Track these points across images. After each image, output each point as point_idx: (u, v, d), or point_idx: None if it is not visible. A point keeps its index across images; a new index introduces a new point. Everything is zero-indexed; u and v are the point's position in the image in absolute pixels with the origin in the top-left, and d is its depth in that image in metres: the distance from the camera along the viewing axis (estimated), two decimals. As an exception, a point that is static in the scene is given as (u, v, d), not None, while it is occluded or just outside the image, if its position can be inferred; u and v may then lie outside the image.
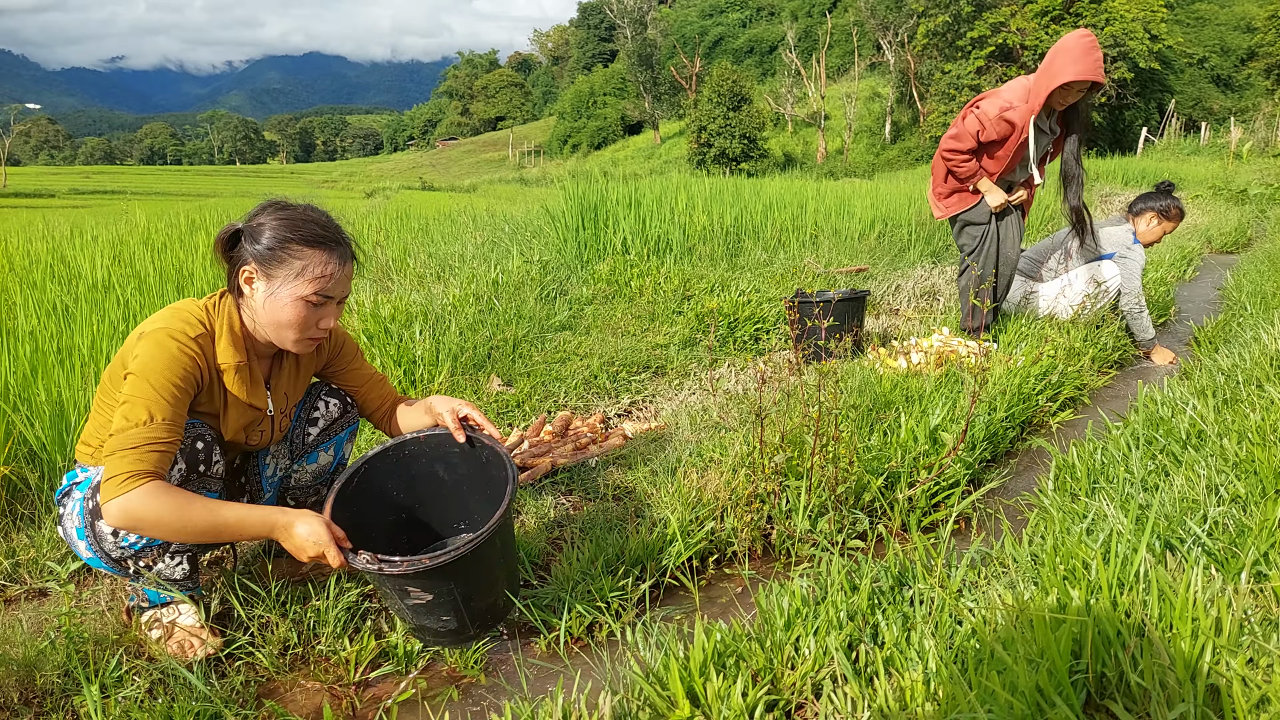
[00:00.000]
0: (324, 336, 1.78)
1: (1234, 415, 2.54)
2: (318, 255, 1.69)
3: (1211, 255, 8.56)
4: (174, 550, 1.71)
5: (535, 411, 3.35)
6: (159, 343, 1.61)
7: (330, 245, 1.71)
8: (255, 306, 1.72)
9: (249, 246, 1.68)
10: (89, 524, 1.66)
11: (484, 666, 1.82)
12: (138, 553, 1.67)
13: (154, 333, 1.62)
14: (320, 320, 1.74)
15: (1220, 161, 18.48)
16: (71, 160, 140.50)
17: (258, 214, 1.71)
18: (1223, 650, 1.27)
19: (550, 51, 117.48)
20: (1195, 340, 4.52)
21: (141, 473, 1.51)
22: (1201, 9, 37.55)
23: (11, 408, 2.45)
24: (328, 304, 1.74)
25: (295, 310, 1.70)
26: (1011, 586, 1.70)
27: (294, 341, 1.75)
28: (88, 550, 1.70)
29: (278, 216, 1.69)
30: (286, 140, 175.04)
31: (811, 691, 1.53)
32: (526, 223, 7.74)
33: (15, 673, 1.62)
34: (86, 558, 1.72)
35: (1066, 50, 3.66)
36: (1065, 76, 3.60)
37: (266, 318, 1.71)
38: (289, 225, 1.68)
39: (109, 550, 1.68)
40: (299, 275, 1.68)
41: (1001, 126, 3.82)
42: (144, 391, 1.55)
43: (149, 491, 1.50)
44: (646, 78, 57.24)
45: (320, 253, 1.70)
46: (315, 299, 1.70)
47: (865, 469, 2.44)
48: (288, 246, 1.67)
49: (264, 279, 1.69)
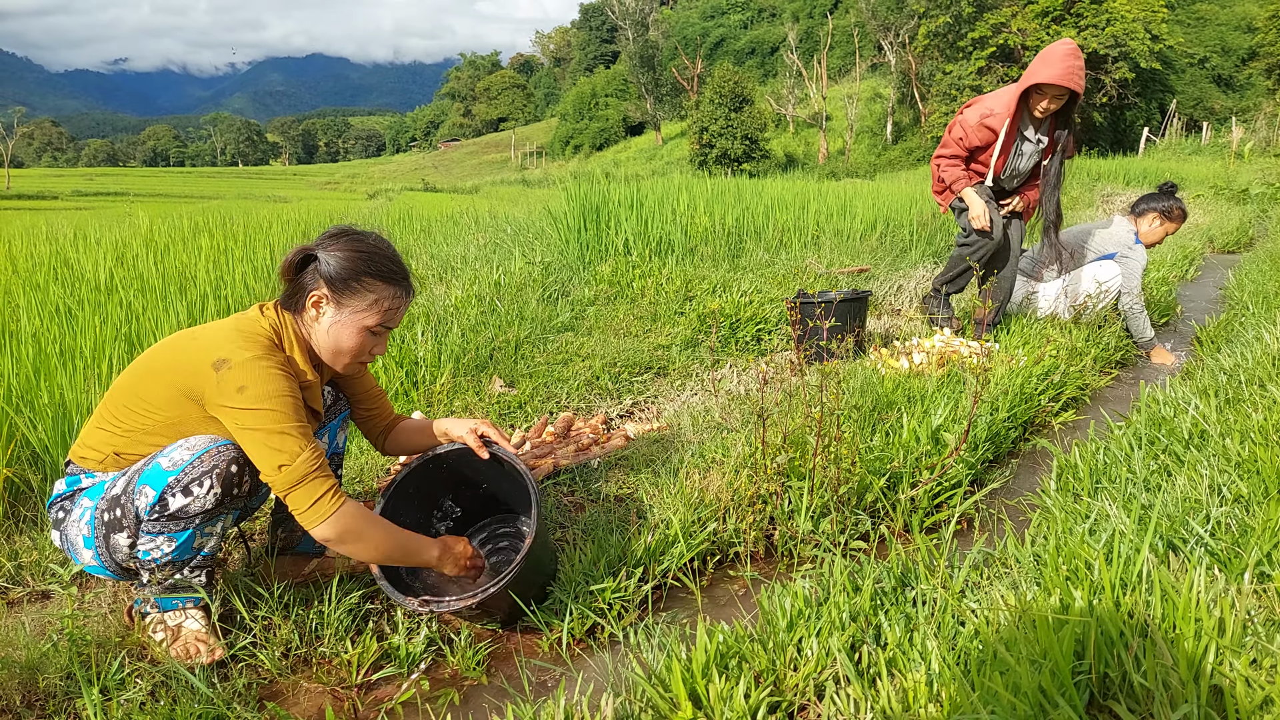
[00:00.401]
0: (370, 360, 1.88)
1: (1236, 415, 2.53)
2: (389, 290, 1.78)
3: (1213, 255, 8.55)
4: (196, 564, 1.71)
5: (537, 413, 3.35)
6: (267, 372, 1.63)
7: (400, 280, 1.80)
8: (319, 329, 1.78)
9: (323, 273, 1.74)
10: (103, 535, 1.66)
11: (486, 668, 1.82)
12: (158, 566, 1.67)
13: (250, 361, 1.62)
14: (373, 347, 1.84)
15: (1222, 161, 18.46)
16: (74, 162, 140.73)
17: (331, 241, 1.76)
18: (1226, 651, 1.27)
19: (552, 53, 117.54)
20: (1197, 340, 4.51)
21: (336, 488, 1.65)
22: (1202, 9, 37.51)
23: (14, 410, 2.45)
24: (384, 333, 1.83)
25: (358, 339, 1.79)
26: (1014, 587, 1.70)
27: (345, 365, 1.83)
28: (93, 559, 1.70)
29: (353, 248, 1.75)
30: (289, 142, 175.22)
31: (814, 693, 1.53)
32: (528, 224, 7.74)
33: (18, 675, 1.62)
34: (88, 565, 1.72)
35: (1043, 56, 3.73)
36: (1036, 78, 3.67)
37: (328, 341, 1.78)
38: (365, 258, 1.75)
39: (120, 561, 1.68)
40: (369, 307, 1.77)
41: (983, 133, 3.87)
42: (284, 419, 1.62)
43: (354, 508, 1.68)
44: (648, 79, 57.25)
45: (391, 287, 1.78)
46: (377, 329, 1.80)
47: (867, 470, 2.43)
48: (362, 279, 1.75)
49: (334, 305, 1.76)
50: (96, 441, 1.72)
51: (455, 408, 3.29)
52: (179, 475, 1.60)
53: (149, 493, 1.60)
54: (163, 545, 1.64)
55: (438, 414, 3.25)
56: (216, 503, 1.64)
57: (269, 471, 1.61)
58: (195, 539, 1.67)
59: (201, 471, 1.61)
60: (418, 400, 3.35)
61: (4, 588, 2.05)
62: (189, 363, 1.65)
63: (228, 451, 1.65)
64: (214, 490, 1.62)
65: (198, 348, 1.66)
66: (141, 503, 1.60)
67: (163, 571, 1.68)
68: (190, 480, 1.60)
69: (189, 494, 1.60)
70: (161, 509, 1.60)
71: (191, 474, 1.60)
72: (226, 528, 1.74)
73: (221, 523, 1.71)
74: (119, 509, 1.64)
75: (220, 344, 1.65)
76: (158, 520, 1.61)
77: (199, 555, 1.70)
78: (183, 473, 1.60)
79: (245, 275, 5.04)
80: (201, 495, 1.61)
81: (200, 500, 1.61)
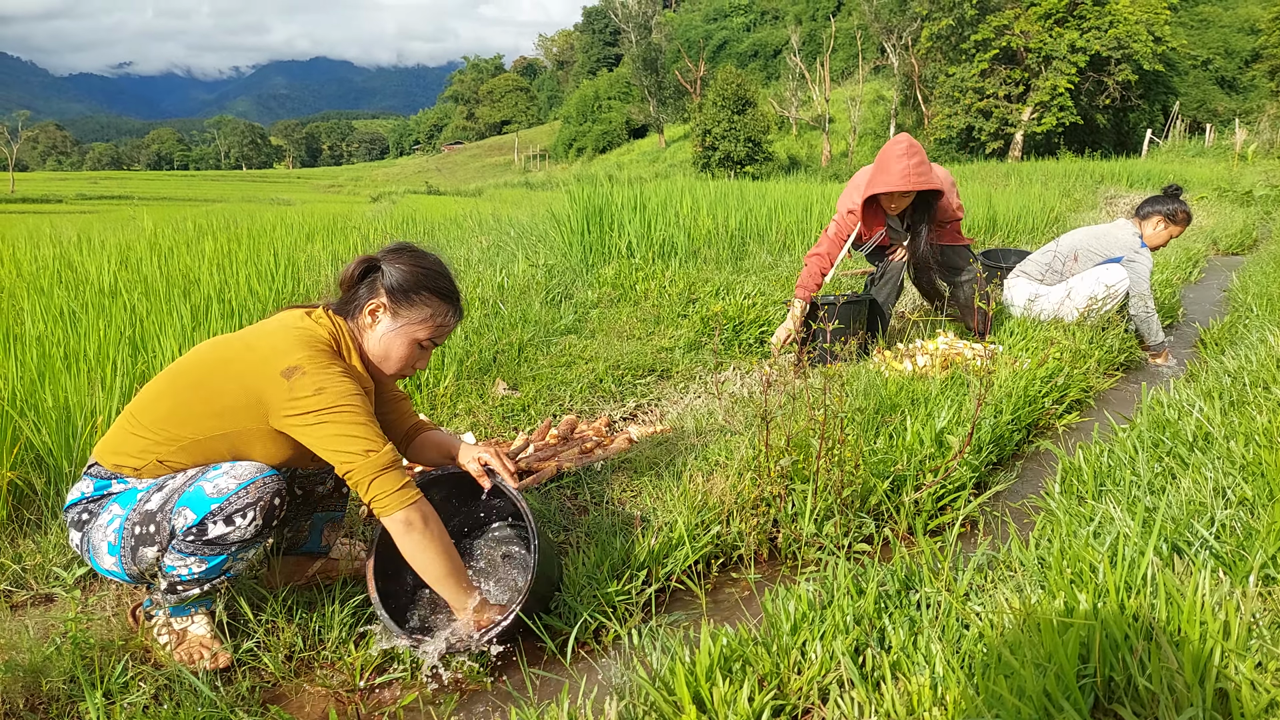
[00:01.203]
0: (412, 374, 1.95)
1: (1241, 418, 2.52)
2: (444, 307, 1.87)
3: (1217, 257, 8.53)
4: (217, 582, 1.72)
5: (541, 415, 3.35)
6: (339, 377, 1.69)
7: (454, 300, 1.89)
8: (373, 336, 1.84)
9: (385, 283, 1.81)
10: (131, 547, 1.66)
11: (489, 671, 1.82)
12: (183, 582, 1.68)
13: (324, 369, 1.68)
14: (419, 361, 1.91)
15: (1225, 163, 18.43)
16: (79, 166, 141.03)
17: (395, 256, 1.84)
18: (1231, 654, 1.27)
19: (555, 56, 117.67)
20: (1201, 342, 4.50)
21: (409, 483, 1.72)
22: (1205, 11, 37.45)
23: (19, 413, 2.45)
24: (431, 348, 1.91)
25: (409, 349, 1.86)
26: (1018, 590, 1.69)
27: (392, 372, 1.89)
28: (114, 565, 1.69)
29: (414, 263, 1.83)
30: (293, 145, 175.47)
31: (818, 696, 1.53)
32: (532, 227, 7.75)
33: (21, 678, 1.62)
34: (106, 570, 1.71)
35: (880, 162, 3.75)
36: (874, 189, 3.72)
37: (379, 348, 1.85)
38: (426, 275, 1.83)
39: (143, 570, 1.69)
40: (424, 321, 1.84)
41: (850, 221, 3.91)
42: (362, 415, 1.69)
43: (427, 507, 1.75)
44: (651, 82, 57.28)
45: (446, 305, 1.87)
46: (426, 343, 1.88)
47: (871, 472, 2.43)
48: (421, 293, 1.83)
49: (390, 315, 1.83)
50: (135, 448, 1.69)
51: (459, 410, 3.30)
52: (222, 504, 1.61)
53: (189, 515, 1.61)
54: (193, 565, 1.65)
55: (441, 417, 3.25)
56: (256, 533, 1.66)
57: (352, 458, 1.66)
58: (227, 562, 1.68)
59: (246, 503, 1.63)
60: (421, 404, 3.36)
61: (8, 590, 2.06)
62: (252, 372, 1.66)
63: (273, 484, 1.67)
64: (256, 522, 1.65)
65: (259, 358, 1.67)
66: (179, 523, 1.61)
67: (185, 586, 1.69)
68: (234, 510, 1.62)
69: (231, 524, 1.62)
70: (199, 533, 1.61)
71: (236, 504, 1.62)
72: (258, 553, 1.77)
73: (255, 549, 1.72)
74: (153, 525, 1.64)
75: (286, 351, 1.67)
76: (193, 543, 1.63)
77: (225, 576, 1.71)
78: (226, 501, 1.61)
79: (249, 278, 5.05)
80: (243, 526, 1.63)
81: (241, 531, 1.63)
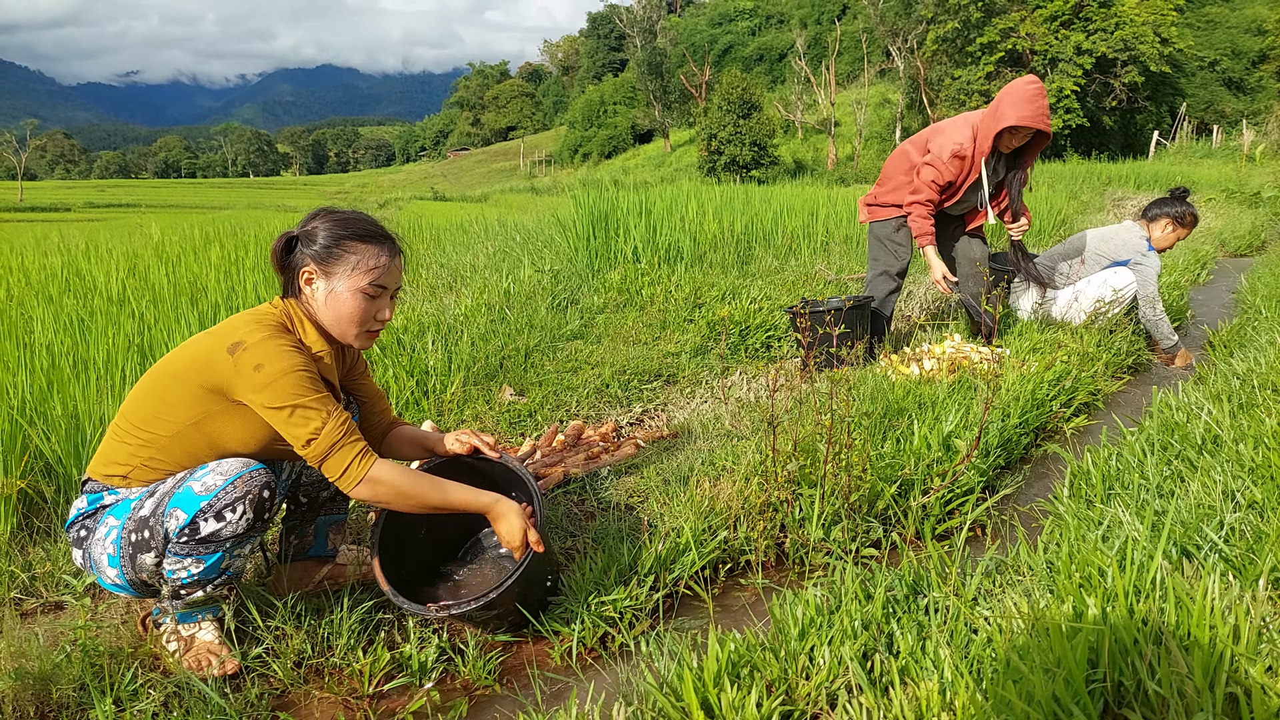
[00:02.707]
0: (381, 329, 1.88)
1: (1250, 420, 2.51)
2: (370, 249, 1.80)
3: (1225, 258, 8.50)
4: (220, 583, 1.72)
5: (547, 421, 3.35)
6: (279, 347, 1.68)
7: (379, 239, 1.83)
8: (318, 304, 1.81)
9: (306, 249, 1.78)
10: (129, 555, 1.67)
11: (498, 677, 1.82)
12: (184, 585, 1.68)
13: (263, 340, 1.67)
14: (378, 312, 1.84)
15: (1233, 164, 18.34)
16: (87, 174, 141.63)
17: (309, 220, 1.82)
18: (1241, 658, 1.26)
19: (560, 61, 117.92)
20: (1210, 344, 4.49)
21: (365, 450, 1.72)
22: (1212, 12, 37.34)
23: (28, 422, 2.47)
24: (383, 295, 1.84)
25: (355, 302, 1.79)
26: (1027, 595, 1.69)
27: (355, 335, 1.84)
28: (118, 577, 1.70)
29: (329, 219, 1.80)
30: (299, 152, 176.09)
31: (826, 702, 1.53)
32: (538, 232, 7.76)
33: (32, 686, 1.63)
34: (110, 584, 1.73)
35: (1011, 95, 3.74)
36: (1008, 120, 3.69)
37: (329, 314, 1.80)
38: (340, 224, 1.79)
39: (145, 579, 1.70)
40: (354, 269, 1.78)
41: (956, 165, 3.86)
42: (304, 392, 1.67)
43: (386, 466, 1.74)
44: (656, 86, 57.38)
45: (371, 246, 1.80)
46: (372, 290, 1.80)
47: (878, 477, 2.43)
48: (341, 243, 1.78)
49: (323, 277, 1.79)
50: (121, 456, 1.72)
51: (466, 416, 3.30)
52: (212, 500, 1.62)
53: (180, 516, 1.61)
54: (191, 567, 1.66)
55: (448, 423, 3.25)
56: (249, 527, 1.66)
57: (299, 447, 1.67)
58: (224, 560, 1.68)
59: (235, 497, 1.63)
60: (428, 409, 3.36)
61: (18, 599, 2.07)
62: (205, 354, 1.68)
63: (260, 477, 1.67)
64: (246, 516, 1.65)
65: (211, 339, 1.70)
66: (172, 525, 1.62)
67: (187, 589, 1.70)
68: (224, 506, 1.62)
69: (222, 519, 1.62)
70: (192, 533, 1.62)
71: (225, 499, 1.62)
72: (254, 548, 1.77)
73: (250, 544, 1.73)
74: (147, 530, 1.65)
75: (231, 331, 1.69)
76: (188, 543, 1.63)
77: (225, 575, 1.72)
78: (215, 498, 1.62)
79: (257, 285, 5.07)
80: (235, 520, 1.63)
81: (233, 525, 1.64)
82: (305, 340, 1.79)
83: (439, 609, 1.78)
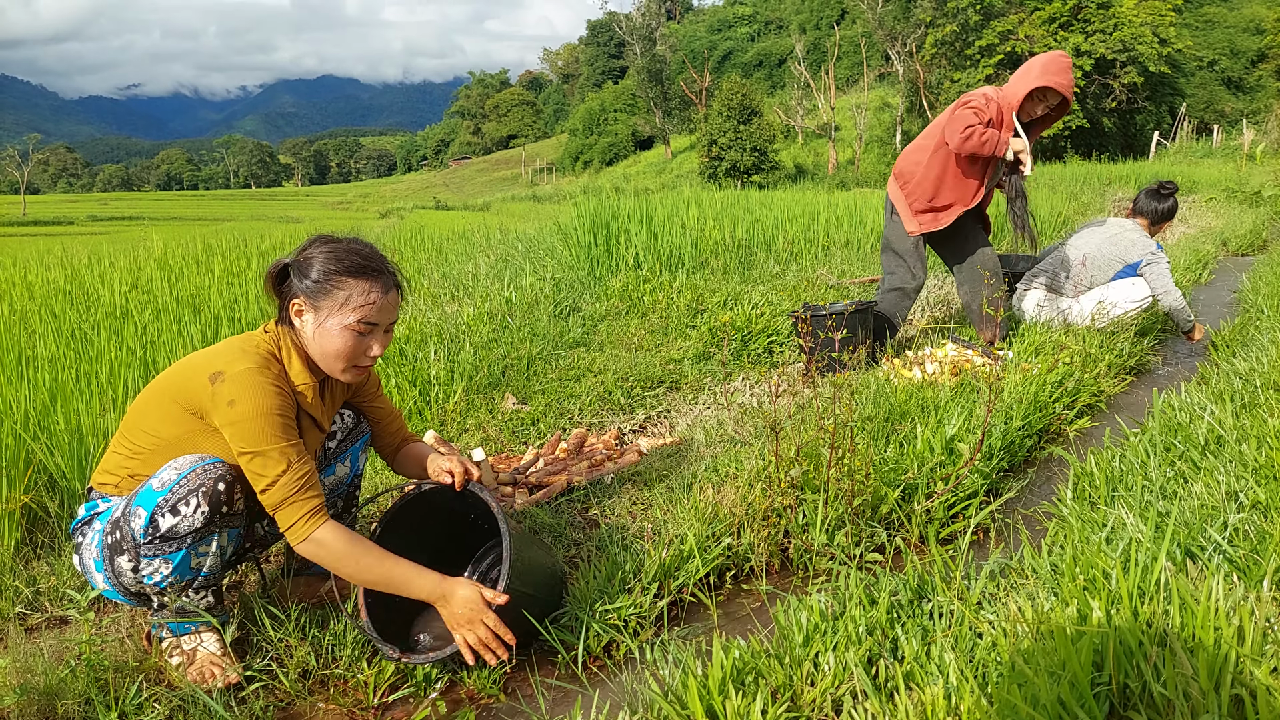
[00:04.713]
0: (371, 365, 1.84)
1: (1252, 420, 2.51)
2: (360, 285, 1.75)
3: (1227, 258, 8.49)
4: (199, 585, 1.72)
5: (550, 429, 3.35)
6: (257, 385, 1.65)
7: (372, 274, 1.78)
8: (306, 337, 1.79)
9: (297, 281, 1.75)
10: (108, 558, 1.68)
11: (502, 686, 1.82)
12: (162, 590, 1.68)
13: (243, 374, 1.65)
14: (368, 349, 1.81)
15: (1234, 164, 18.33)
16: (89, 188, 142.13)
17: (305, 249, 1.78)
18: (1246, 660, 1.26)
19: (560, 69, 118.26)
20: (1212, 344, 4.48)
21: (316, 509, 1.68)
22: (1210, 12, 37.39)
23: (31, 436, 2.48)
24: (373, 331, 1.80)
25: (343, 339, 1.76)
26: (1031, 598, 1.68)
27: (343, 370, 1.81)
28: (105, 583, 1.72)
29: (323, 250, 1.76)
30: (301, 163, 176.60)
31: (832, 708, 1.53)
32: (539, 240, 7.78)
33: (37, 701, 1.63)
34: (103, 589, 1.75)
35: (1044, 60, 3.79)
36: (1042, 81, 3.70)
37: (317, 348, 1.78)
38: (333, 258, 1.75)
39: (128, 585, 1.70)
40: (343, 305, 1.75)
41: (993, 109, 3.79)
42: (268, 439, 1.64)
43: (331, 529, 1.68)
44: (656, 93, 57.50)
45: (363, 282, 1.76)
46: (361, 327, 1.77)
47: (882, 481, 2.42)
48: (332, 279, 1.74)
49: (311, 311, 1.76)
50: (113, 466, 1.75)
51: (468, 426, 3.30)
52: (167, 495, 1.62)
53: (141, 514, 1.62)
54: (160, 568, 1.65)
55: (450, 432, 3.26)
56: (206, 521, 1.65)
57: (257, 490, 1.66)
58: (191, 559, 1.67)
59: (188, 490, 1.62)
60: (431, 419, 3.37)
61: (22, 613, 2.07)
62: (189, 377, 1.69)
63: (215, 470, 1.66)
64: (201, 509, 1.63)
65: (197, 364, 1.71)
66: (136, 525, 1.62)
67: (165, 595, 1.69)
68: (178, 500, 1.62)
69: (177, 513, 1.61)
70: (153, 530, 1.62)
71: (179, 493, 1.62)
72: (224, 546, 1.73)
73: (216, 541, 1.70)
74: (118, 531, 1.66)
75: (217, 357, 1.70)
76: (151, 542, 1.63)
77: (199, 576, 1.70)
78: (170, 492, 1.62)
79: (259, 297, 5.08)
80: (189, 514, 1.62)
81: (189, 519, 1.62)
82: (290, 372, 1.78)
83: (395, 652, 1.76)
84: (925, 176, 4.00)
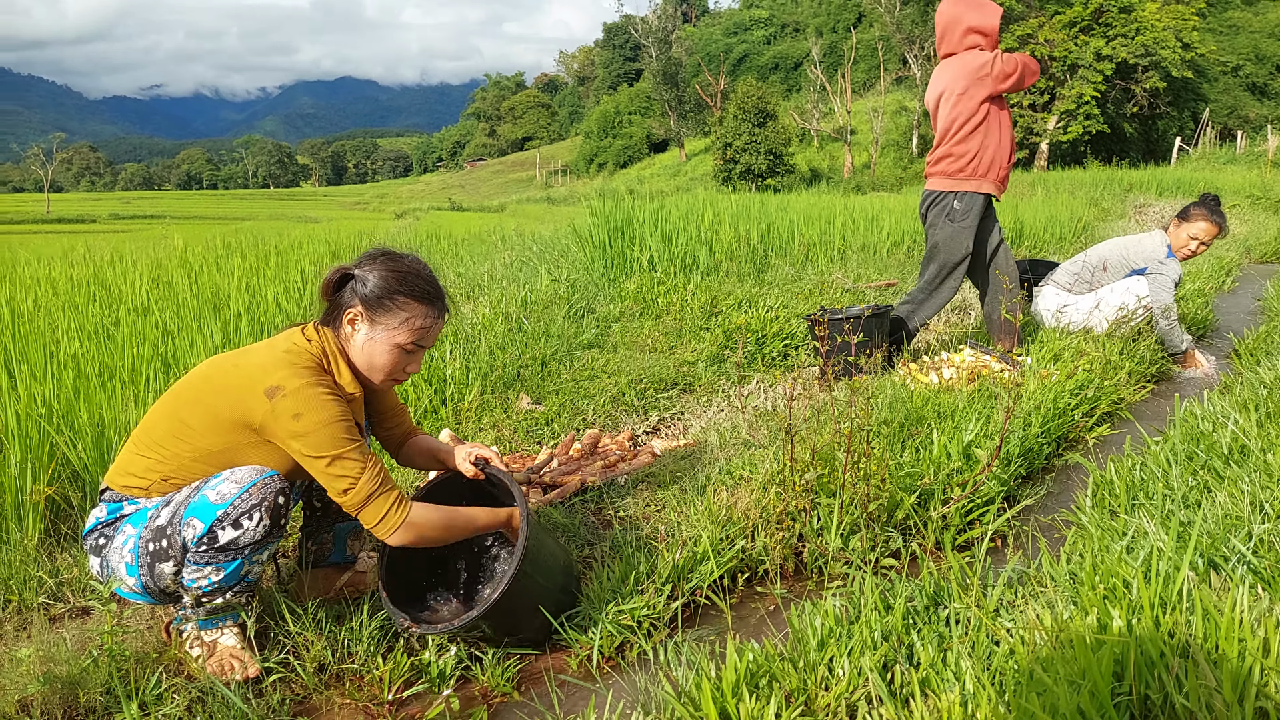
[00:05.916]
0: (406, 379, 1.91)
1: (1278, 429, 2.48)
2: (421, 309, 1.82)
3: (1251, 265, 8.40)
4: (240, 589, 1.74)
5: (564, 429, 3.36)
6: (318, 398, 1.69)
7: (433, 300, 1.85)
8: (354, 345, 1.83)
9: (358, 290, 1.80)
10: (147, 564, 1.69)
11: (516, 684, 1.82)
12: (205, 593, 1.71)
13: (302, 389, 1.68)
14: (408, 365, 1.87)
15: (1258, 170, 18.14)
16: (112, 186, 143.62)
17: (369, 262, 1.82)
18: (1271, 672, 1.24)
19: (576, 72, 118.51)
20: (1236, 353, 4.43)
21: (400, 497, 1.77)
22: (1234, 16, 37.02)
23: (55, 429, 2.50)
24: (418, 352, 1.87)
25: (391, 356, 1.83)
26: (1050, 606, 1.67)
27: (380, 380, 1.87)
28: (136, 585, 1.73)
29: (388, 267, 1.81)
30: (319, 163, 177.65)
31: (846, 713, 1.52)
32: (554, 241, 7.79)
33: (59, 690, 1.65)
34: (127, 592, 1.76)
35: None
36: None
37: (362, 357, 1.83)
38: (399, 278, 1.80)
39: (164, 587, 1.72)
40: (401, 325, 1.81)
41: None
42: (341, 443, 1.70)
43: (420, 508, 1.80)
44: (671, 96, 57.48)
45: (424, 306, 1.83)
46: (410, 347, 1.84)
47: (898, 486, 2.41)
48: (395, 298, 1.79)
49: (367, 323, 1.81)
50: (139, 469, 1.74)
51: (483, 425, 3.31)
52: (228, 509, 1.63)
53: (197, 525, 1.63)
54: (210, 575, 1.68)
55: (466, 431, 3.27)
56: (266, 534, 1.68)
57: (335, 494, 1.71)
58: (243, 567, 1.70)
59: (251, 505, 1.65)
60: (446, 418, 3.38)
61: (46, 604, 2.09)
62: (237, 389, 1.69)
63: (274, 483, 1.69)
64: (263, 523, 1.67)
65: (245, 375, 1.70)
66: (189, 534, 1.64)
67: (208, 597, 1.72)
68: (240, 514, 1.64)
69: (239, 527, 1.64)
70: (210, 541, 1.64)
71: (241, 507, 1.64)
72: (271, 555, 1.79)
73: (268, 550, 1.74)
74: (164, 539, 1.67)
75: (270, 371, 1.69)
76: (206, 551, 1.65)
77: (244, 581, 1.74)
78: (231, 506, 1.63)
79: (278, 296, 5.12)
80: (252, 528, 1.65)
81: (251, 532, 1.66)
82: (340, 380, 1.82)
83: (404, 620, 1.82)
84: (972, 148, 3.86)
